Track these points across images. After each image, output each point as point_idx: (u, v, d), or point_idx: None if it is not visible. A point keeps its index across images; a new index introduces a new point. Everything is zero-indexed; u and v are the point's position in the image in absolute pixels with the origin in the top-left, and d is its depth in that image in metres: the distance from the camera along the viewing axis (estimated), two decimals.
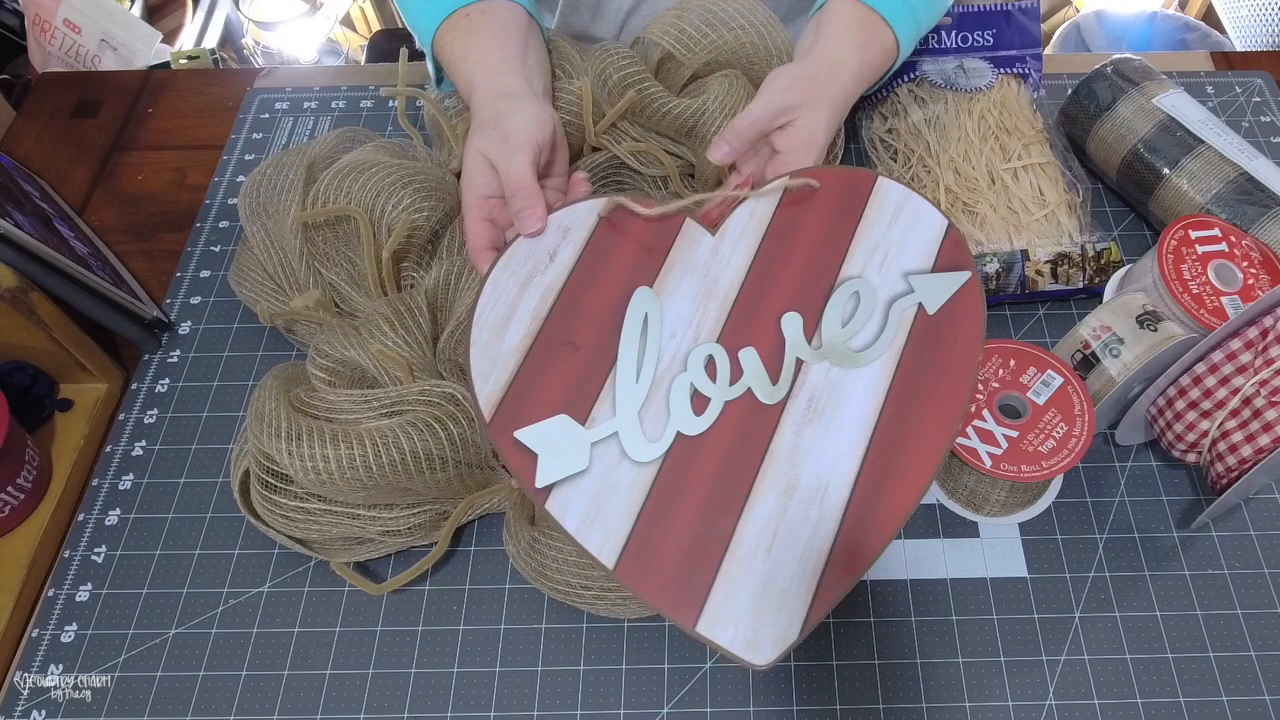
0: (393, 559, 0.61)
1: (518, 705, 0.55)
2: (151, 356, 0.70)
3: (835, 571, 0.48)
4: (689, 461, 0.51)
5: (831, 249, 0.56)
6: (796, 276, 0.56)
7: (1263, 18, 1.39)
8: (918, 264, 0.55)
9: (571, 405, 0.52)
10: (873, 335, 0.54)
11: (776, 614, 0.47)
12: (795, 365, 0.53)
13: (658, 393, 0.52)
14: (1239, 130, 0.79)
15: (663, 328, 0.54)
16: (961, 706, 0.55)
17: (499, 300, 0.55)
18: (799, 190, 0.58)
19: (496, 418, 0.51)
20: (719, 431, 0.51)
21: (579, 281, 0.56)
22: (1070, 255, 0.67)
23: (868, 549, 0.48)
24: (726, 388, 0.53)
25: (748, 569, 0.48)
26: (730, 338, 0.54)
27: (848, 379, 0.53)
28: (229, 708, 0.55)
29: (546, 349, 0.53)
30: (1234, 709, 0.54)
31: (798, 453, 0.51)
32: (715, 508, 0.50)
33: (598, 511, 0.49)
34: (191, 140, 0.85)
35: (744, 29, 0.69)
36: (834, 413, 0.52)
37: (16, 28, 1.26)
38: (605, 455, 0.51)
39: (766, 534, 0.49)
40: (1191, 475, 0.63)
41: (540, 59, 0.67)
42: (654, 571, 0.48)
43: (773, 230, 0.57)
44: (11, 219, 0.63)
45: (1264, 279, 0.62)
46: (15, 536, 0.61)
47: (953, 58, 0.76)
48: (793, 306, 0.55)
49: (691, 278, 0.56)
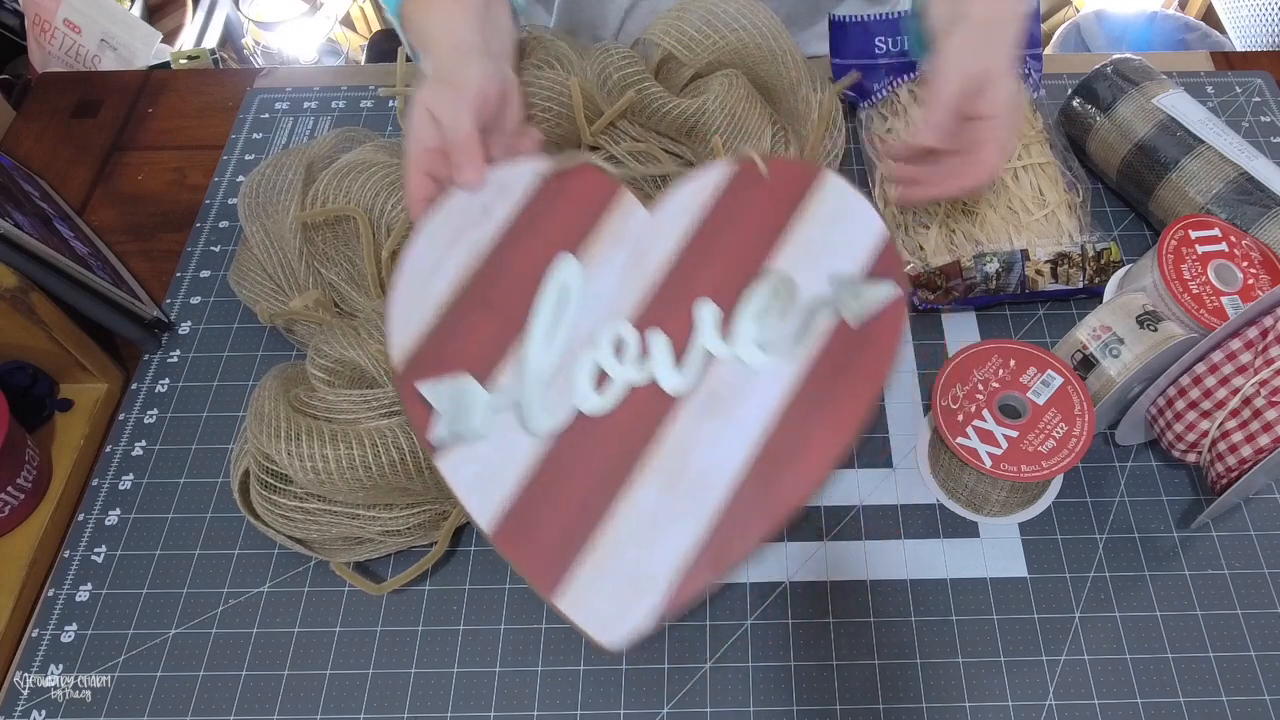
0: (393, 559, 0.61)
1: (518, 705, 0.55)
2: (151, 356, 0.70)
3: (701, 568, 0.48)
4: (583, 440, 0.51)
5: (764, 241, 0.55)
6: (724, 265, 0.54)
7: (1263, 18, 1.39)
8: (848, 267, 0.54)
9: (479, 367, 0.52)
10: (787, 337, 0.52)
11: (637, 601, 0.48)
12: (703, 357, 0.52)
13: (564, 366, 0.52)
14: (1239, 130, 0.79)
15: (581, 300, 0.54)
16: (961, 706, 0.55)
17: (428, 251, 0.55)
18: (746, 178, 0.56)
19: (406, 367, 0.51)
20: (617, 414, 0.51)
21: (509, 241, 0.55)
22: (1070, 255, 0.67)
23: (737, 551, 0.48)
24: (632, 370, 0.52)
25: (617, 553, 0.49)
26: (646, 319, 0.53)
27: (752, 379, 0.52)
28: (229, 708, 0.55)
29: (465, 307, 0.53)
30: (1234, 709, 0.54)
31: (688, 446, 0.50)
32: (599, 489, 0.50)
33: (486, 476, 0.50)
34: (191, 140, 0.85)
35: (745, 29, 0.69)
36: (731, 411, 0.51)
37: (16, 28, 1.26)
38: (503, 422, 0.51)
39: (642, 522, 0.49)
40: (1191, 475, 0.63)
41: (502, 24, 0.65)
42: (528, 543, 0.49)
43: (710, 214, 0.56)
44: (11, 219, 0.63)
45: (1264, 279, 0.62)
46: (15, 536, 0.61)
47: None
48: (714, 295, 0.54)
49: (620, 252, 0.55)
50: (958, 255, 0.67)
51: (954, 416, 0.58)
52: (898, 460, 0.64)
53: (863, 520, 0.61)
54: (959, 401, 0.58)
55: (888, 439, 0.65)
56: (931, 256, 0.69)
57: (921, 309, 0.69)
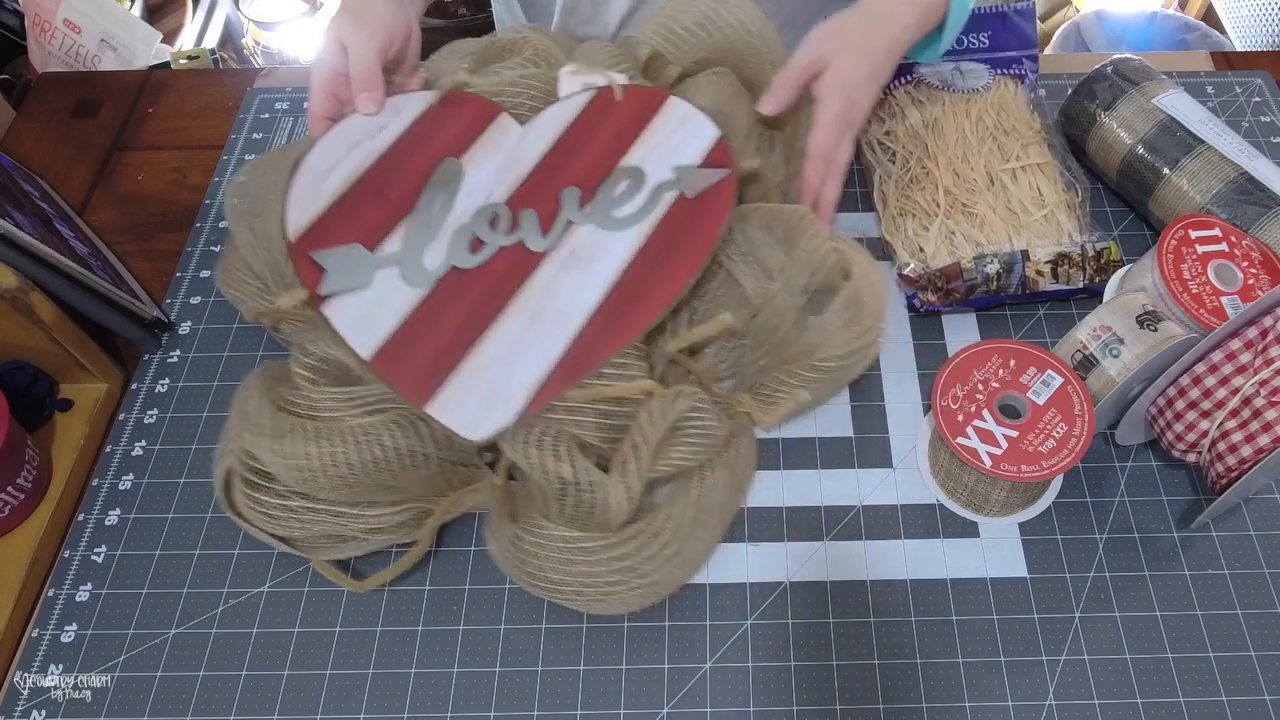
0: (391, 555, 0.61)
1: (518, 705, 0.55)
2: (151, 356, 0.70)
3: (556, 381, 0.57)
4: (456, 288, 0.60)
5: (619, 144, 0.66)
6: (585, 161, 0.65)
7: (1263, 18, 1.39)
8: (688, 160, 0.65)
9: (367, 238, 0.62)
10: (637, 208, 0.63)
11: (499, 407, 0.56)
12: (565, 225, 0.63)
13: (444, 235, 0.62)
14: (1239, 130, 0.79)
15: (461, 187, 0.64)
16: (961, 707, 0.55)
17: (326, 156, 0.64)
18: (604, 101, 0.68)
19: (300, 240, 0.61)
20: (489, 269, 0.61)
21: (400, 148, 0.66)
22: (1070, 255, 0.67)
23: (586, 368, 0.57)
24: (504, 236, 0.62)
25: (483, 371, 0.57)
26: (517, 202, 0.64)
27: (608, 239, 0.62)
28: (229, 708, 0.55)
29: (359, 196, 0.63)
30: (1234, 709, 0.54)
31: (551, 289, 0.60)
32: (469, 326, 0.59)
33: (368, 317, 0.59)
34: (191, 140, 0.85)
35: (734, 28, 0.70)
36: (590, 263, 0.61)
37: (16, 28, 1.26)
38: (386, 277, 0.60)
39: (506, 346, 0.58)
40: (1191, 475, 0.63)
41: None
42: (403, 366, 0.57)
43: (573, 127, 0.67)
44: (11, 219, 0.63)
45: (1264, 279, 0.62)
46: (15, 536, 0.61)
47: (949, 59, 0.76)
48: (576, 183, 0.64)
49: (497, 155, 0.66)
50: (958, 257, 0.67)
51: (954, 416, 0.58)
52: (898, 460, 0.64)
53: (863, 520, 0.61)
54: (959, 401, 0.58)
55: (888, 439, 0.65)
56: (932, 259, 0.69)
57: (922, 311, 0.69)
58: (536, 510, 0.56)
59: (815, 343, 0.61)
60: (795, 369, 0.61)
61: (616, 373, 0.58)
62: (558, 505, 0.55)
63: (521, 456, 0.55)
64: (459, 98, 0.68)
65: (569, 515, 0.55)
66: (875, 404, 0.66)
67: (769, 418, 0.62)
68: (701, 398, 0.58)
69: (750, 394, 0.63)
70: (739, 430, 0.62)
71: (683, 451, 0.58)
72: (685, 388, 0.58)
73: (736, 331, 0.63)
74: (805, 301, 0.62)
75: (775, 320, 0.61)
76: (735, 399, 0.63)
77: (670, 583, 0.57)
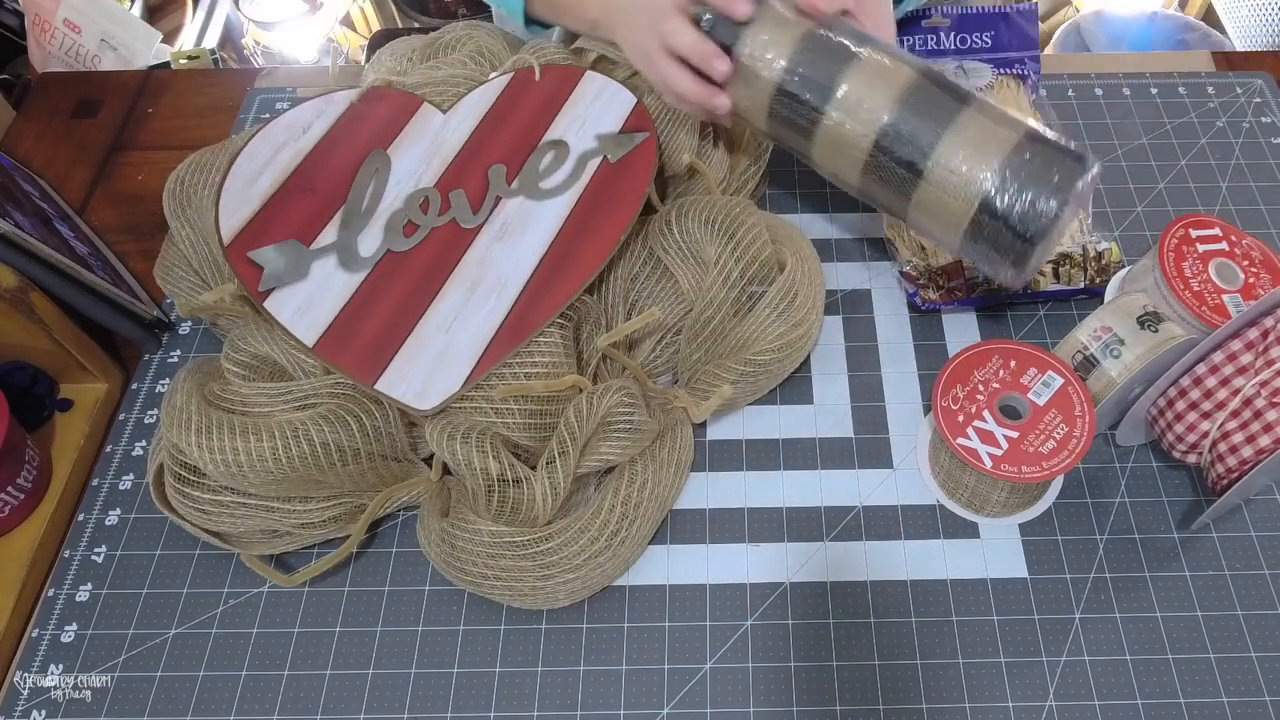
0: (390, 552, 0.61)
1: (518, 705, 0.55)
2: (151, 356, 0.70)
3: (499, 345, 0.58)
4: (394, 270, 0.62)
5: (541, 120, 0.68)
6: (509, 139, 0.68)
7: (1263, 18, 1.39)
8: (609, 128, 0.67)
9: (302, 233, 0.63)
10: (564, 178, 0.65)
11: (446, 374, 0.57)
12: (495, 201, 0.64)
13: (377, 222, 0.64)
14: (1240, 131, 0.79)
15: (390, 176, 0.66)
16: (961, 707, 0.55)
17: (254, 160, 0.66)
18: (523, 81, 0.70)
19: (235, 243, 0.62)
20: (423, 248, 0.63)
21: (327, 145, 0.68)
22: (1071, 255, 0.67)
23: (529, 327, 0.59)
24: (436, 218, 0.64)
25: (427, 343, 0.59)
26: (445, 184, 0.66)
27: (537, 209, 0.64)
28: (229, 708, 0.55)
29: (288, 194, 0.65)
30: (1234, 710, 0.54)
31: (486, 260, 0.62)
32: (410, 303, 0.60)
33: (309, 307, 0.60)
34: (191, 140, 0.85)
35: None
36: (521, 233, 0.63)
37: (16, 28, 1.26)
38: (323, 267, 0.62)
39: (448, 318, 0.59)
40: (1192, 476, 0.63)
41: None
42: (348, 349, 0.59)
43: (495, 108, 0.69)
44: (11, 219, 0.63)
45: (1265, 278, 0.62)
46: (15, 536, 0.61)
47: (952, 59, 0.76)
48: (502, 161, 0.66)
49: (422, 143, 0.68)
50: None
51: (954, 417, 0.58)
52: (898, 460, 0.64)
53: (863, 521, 0.61)
54: (959, 402, 0.58)
55: (888, 439, 0.65)
56: (933, 257, 0.69)
57: (924, 309, 0.69)
58: (467, 506, 0.57)
59: (749, 336, 0.62)
60: (729, 363, 0.61)
61: (545, 371, 0.58)
62: (486, 501, 0.55)
63: (449, 453, 0.55)
64: (379, 93, 0.70)
65: (496, 510, 0.56)
66: (875, 404, 0.66)
67: (703, 412, 0.62)
68: (631, 393, 0.58)
69: (687, 389, 0.63)
70: (672, 425, 0.62)
71: (612, 446, 0.58)
72: (615, 383, 0.58)
73: (670, 326, 0.64)
74: (739, 294, 0.63)
75: (709, 312, 0.62)
76: (671, 394, 0.63)
77: (598, 579, 0.57)
